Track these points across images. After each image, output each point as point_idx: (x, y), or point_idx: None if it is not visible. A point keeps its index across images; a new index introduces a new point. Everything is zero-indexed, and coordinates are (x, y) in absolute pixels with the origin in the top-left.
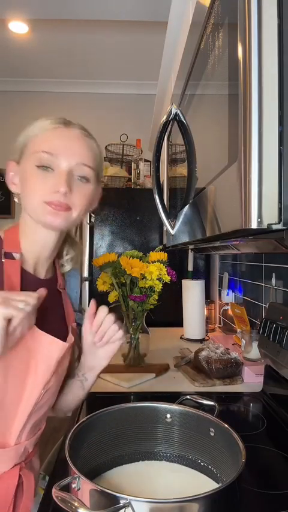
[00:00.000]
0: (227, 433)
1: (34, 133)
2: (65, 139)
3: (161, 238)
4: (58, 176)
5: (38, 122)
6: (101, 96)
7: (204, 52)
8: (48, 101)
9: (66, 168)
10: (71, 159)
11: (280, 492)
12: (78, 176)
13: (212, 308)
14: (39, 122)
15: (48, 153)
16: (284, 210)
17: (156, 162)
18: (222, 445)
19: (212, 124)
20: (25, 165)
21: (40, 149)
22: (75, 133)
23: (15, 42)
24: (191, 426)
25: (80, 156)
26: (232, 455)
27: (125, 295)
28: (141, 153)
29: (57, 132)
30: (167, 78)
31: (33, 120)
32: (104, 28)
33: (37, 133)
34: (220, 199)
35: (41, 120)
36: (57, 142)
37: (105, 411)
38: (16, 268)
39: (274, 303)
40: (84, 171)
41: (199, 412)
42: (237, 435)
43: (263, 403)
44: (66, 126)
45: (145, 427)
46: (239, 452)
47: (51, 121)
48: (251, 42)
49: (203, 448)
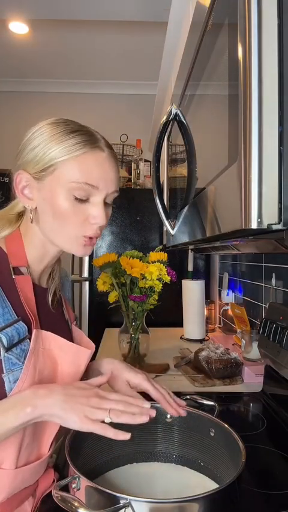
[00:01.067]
0: (227, 433)
1: (62, 155)
2: (101, 167)
3: (161, 239)
4: (96, 208)
5: (60, 140)
6: (101, 97)
7: (204, 52)
8: (48, 101)
9: (103, 198)
10: (108, 188)
11: (280, 492)
12: (108, 202)
13: (212, 308)
14: (64, 142)
15: (91, 186)
16: (284, 210)
17: (156, 162)
18: (222, 445)
19: (212, 124)
20: (54, 189)
21: (81, 180)
22: (106, 156)
23: (16, 43)
24: (191, 426)
25: (114, 185)
26: (232, 456)
27: (125, 295)
28: (141, 153)
29: (93, 158)
30: (167, 78)
31: (34, 122)
32: (104, 28)
33: (67, 158)
34: (220, 199)
35: (62, 137)
36: (96, 173)
37: None
38: (28, 283)
39: (274, 303)
40: (113, 197)
41: (199, 412)
42: (237, 435)
43: (263, 403)
44: (96, 148)
45: (145, 428)
46: (239, 452)
47: (84, 144)
48: (251, 43)
49: (203, 448)
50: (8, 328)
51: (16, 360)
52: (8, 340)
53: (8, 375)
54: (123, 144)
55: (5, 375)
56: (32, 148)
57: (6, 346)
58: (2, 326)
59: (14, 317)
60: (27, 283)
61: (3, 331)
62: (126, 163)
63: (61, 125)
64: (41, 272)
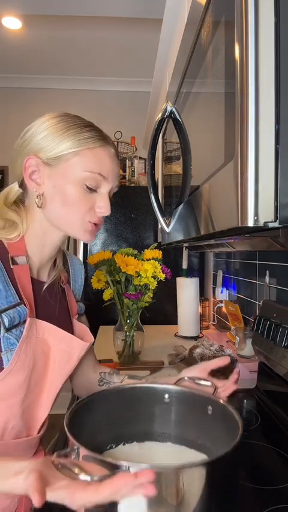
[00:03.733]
0: (224, 410)
1: (79, 146)
2: (111, 161)
3: (156, 236)
4: (103, 198)
5: (77, 132)
6: (95, 93)
7: (200, 50)
8: (42, 97)
9: (109, 190)
10: (114, 182)
11: (274, 488)
12: (110, 195)
13: (206, 306)
14: (76, 135)
15: (102, 176)
16: (280, 208)
17: (152, 159)
18: (220, 423)
19: (208, 122)
20: (68, 176)
21: (95, 170)
22: (114, 153)
23: (9, 38)
24: (189, 406)
25: (117, 179)
26: (229, 433)
27: (119, 293)
28: (135, 151)
29: (105, 153)
30: (161, 75)
31: (27, 118)
32: (98, 25)
33: (85, 148)
34: (216, 197)
35: (79, 129)
36: (108, 165)
37: (104, 391)
38: (26, 272)
39: (268, 301)
40: (114, 192)
41: (197, 391)
42: (234, 410)
43: (256, 399)
44: (108, 144)
45: (143, 408)
46: (236, 428)
47: (98, 139)
48: (247, 41)
49: (201, 427)
50: (10, 310)
51: (15, 340)
52: (10, 321)
53: (6, 353)
54: (117, 141)
55: (3, 353)
56: (46, 135)
57: (6, 327)
58: (5, 307)
59: (17, 300)
60: (25, 273)
61: (5, 312)
62: (120, 161)
63: (75, 118)
64: (41, 265)
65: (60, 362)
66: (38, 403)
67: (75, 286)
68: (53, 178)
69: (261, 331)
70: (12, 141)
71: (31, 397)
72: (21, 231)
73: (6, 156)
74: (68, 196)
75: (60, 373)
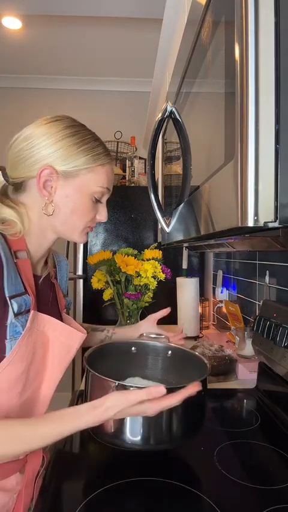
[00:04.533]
0: (183, 352)
1: (92, 162)
2: (113, 175)
3: (156, 236)
4: (104, 207)
5: (89, 148)
6: (95, 93)
7: (200, 50)
8: (42, 97)
9: (106, 199)
10: (111, 192)
11: (274, 488)
12: None
13: (206, 306)
14: (90, 151)
15: (108, 191)
16: (280, 208)
17: (152, 159)
18: (196, 371)
19: (208, 122)
20: (81, 189)
21: (105, 185)
22: (113, 166)
23: (9, 38)
24: (174, 359)
25: None
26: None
27: (119, 293)
28: (135, 151)
29: (111, 168)
30: (161, 75)
31: (27, 119)
32: (99, 25)
33: (98, 164)
34: (216, 197)
35: (91, 144)
36: (112, 179)
37: (113, 344)
38: (28, 267)
39: (268, 301)
40: None
41: (157, 342)
42: (204, 359)
43: (256, 399)
44: (112, 159)
45: (142, 360)
46: (204, 368)
47: (106, 155)
48: (248, 41)
49: (182, 374)
50: (18, 297)
51: (20, 328)
52: (18, 307)
53: (10, 341)
54: (117, 141)
55: (8, 341)
56: (61, 148)
57: (15, 312)
58: (15, 294)
59: (22, 290)
60: (27, 267)
61: (15, 298)
62: (120, 161)
63: (85, 130)
64: (36, 261)
65: (60, 355)
66: (38, 396)
67: (62, 282)
68: (66, 189)
69: (261, 331)
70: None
71: (30, 390)
72: (22, 228)
73: (5, 156)
74: (78, 206)
75: (60, 366)
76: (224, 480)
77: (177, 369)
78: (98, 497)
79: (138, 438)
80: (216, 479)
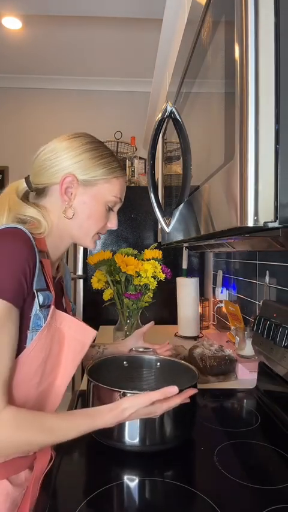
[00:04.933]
0: (172, 362)
1: (109, 174)
2: (125, 187)
3: (156, 236)
4: (115, 216)
5: (108, 161)
6: (96, 93)
7: (200, 50)
8: (42, 97)
9: (118, 209)
10: None
11: (274, 487)
12: None
13: (206, 306)
14: (107, 165)
15: (120, 201)
16: (280, 208)
17: (152, 160)
18: (175, 373)
19: (208, 122)
20: (97, 197)
21: (118, 195)
22: (126, 178)
23: (9, 38)
24: (167, 369)
25: None
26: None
27: (119, 293)
28: (135, 151)
29: (124, 181)
30: (161, 75)
31: (27, 118)
32: (99, 25)
33: (113, 176)
34: (216, 197)
35: (109, 159)
36: (124, 190)
37: (111, 357)
38: (49, 266)
39: (268, 301)
40: None
41: (173, 359)
42: (193, 368)
43: (256, 399)
44: (125, 172)
45: (138, 374)
46: (194, 376)
47: (121, 169)
48: (247, 41)
49: (173, 381)
50: (43, 291)
51: (41, 321)
52: (43, 300)
53: (32, 332)
54: (117, 141)
55: (30, 331)
56: (83, 160)
57: (40, 304)
58: (40, 287)
59: (46, 286)
60: (48, 266)
61: (40, 291)
62: (120, 161)
63: (103, 146)
64: (53, 263)
65: (74, 351)
66: (53, 389)
67: (67, 286)
68: (84, 196)
69: (261, 331)
70: (12, 141)
71: (46, 383)
72: (45, 228)
73: (6, 156)
74: (94, 212)
75: (73, 362)
76: (224, 480)
77: (169, 377)
78: (98, 497)
79: (136, 440)
80: (216, 479)
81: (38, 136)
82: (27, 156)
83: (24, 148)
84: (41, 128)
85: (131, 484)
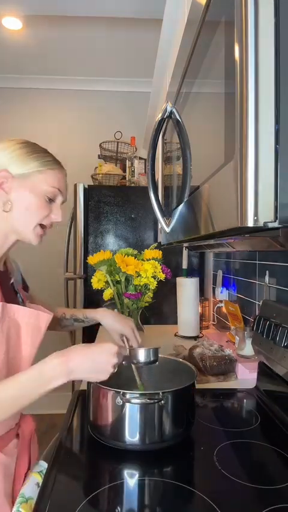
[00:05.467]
0: (171, 361)
1: (43, 167)
2: (64, 180)
3: (156, 236)
4: (57, 208)
5: (40, 156)
6: (96, 93)
7: (199, 50)
8: (42, 97)
9: (62, 201)
10: (65, 196)
11: (274, 487)
12: None
13: (206, 305)
14: (40, 158)
15: (59, 191)
16: (280, 208)
17: (152, 160)
18: (184, 377)
19: (208, 122)
20: (34, 189)
21: (56, 185)
22: (65, 173)
23: (9, 39)
24: (166, 368)
25: (66, 194)
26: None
27: (119, 293)
28: (135, 151)
29: (62, 173)
30: (161, 75)
31: (27, 118)
32: (99, 25)
33: (47, 168)
34: (216, 197)
35: (41, 154)
36: (63, 183)
37: None
38: None
39: (267, 300)
40: (64, 202)
41: (171, 358)
42: (192, 366)
43: (256, 399)
44: (62, 166)
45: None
46: (192, 375)
47: (55, 162)
48: (247, 41)
49: (172, 380)
50: None
51: None
52: None
53: None
54: (117, 141)
55: None
56: (16, 155)
57: None
58: None
59: None
60: None
61: None
62: (120, 161)
63: (37, 145)
64: None
65: (32, 334)
66: (19, 371)
67: (18, 279)
68: (20, 189)
69: (261, 331)
70: None
71: (12, 371)
72: None
73: None
74: (31, 204)
75: (33, 345)
76: (224, 480)
77: (168, 376)
78: (98, 497)
79: (136, 438)
80: (216, 479)
81: (38, 136)
82: None
83: None
84: (41, 128)
85: (131, 484)
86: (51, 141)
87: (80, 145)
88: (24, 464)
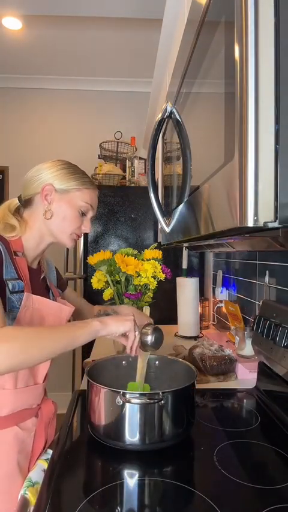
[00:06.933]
0: (171, 361)
1: (80, 185)
2: (96, 198)
3: (156, 236)
4: (88, 221)
5: (79, 176)
6: (96, 94)
7: (200, 50)
8: (42, 97)
9: (92, 216)
10: (95, 212)
11: (274, 487)
12: None
13: (206, 305)
14: (79, 178)
15: (92, 207)
16: (279, 208)
17: (152, 160)
18: (185, 377)
19: (208, 122)
20: (71, 203)
21: (89, 202)
22: (97, 193)
23: (9, 39)
24: (164, 366)
25: (97, 209)
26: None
27: (119, 293)
28: (135, 151)
29: (95, 193)
30: (161, 75)
31: (27, 119)
32: (99, 25)
33: (84, 187)
34: (216, 197)
35: (80, 175)
36: (95, 201)
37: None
38: (24, 263)
39: (267, 300)
40: (94, 216)
41: (171, 358)
42: (193, 367)
43: (256, 399)
44: (96, 187)
45: (134, 372)
46: (193, 375)
47: (91, 183)
48: (247, 41)
49: (172, 378)
50: (13, 280)
51: (16, 304)
52: (12, 287)
53: (9, 313)
54: (117, 141)
55: (7, 311)
56: (59, 174)
57: (10, 290)
58: (10, 277)
59: (16, 277)
60: (23, 262)
61: (10, 280)
62: (120, 161)
63: (77, 167)
64: (33, 258)
65: (54, 324)
66: None
67: (51, 276)
68: (61, 201)
69: (261, 331)
70: (12, 141)
71: None
72: (18, 233)
73: (7, 157)
74: (68, 215)
75: None
76: (224, 480)
77: (168, 376)
78: (98, 497)
79: (136, 438)
80: (216, 479)
81: (38, 136)
82: (27, 156)
83: (24, 149)
84: (41, 128)
85: (131, 483)
86: (52, 141)
87: (80, 145)
88: (40, 444)
